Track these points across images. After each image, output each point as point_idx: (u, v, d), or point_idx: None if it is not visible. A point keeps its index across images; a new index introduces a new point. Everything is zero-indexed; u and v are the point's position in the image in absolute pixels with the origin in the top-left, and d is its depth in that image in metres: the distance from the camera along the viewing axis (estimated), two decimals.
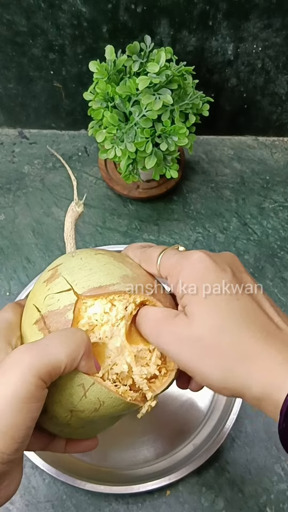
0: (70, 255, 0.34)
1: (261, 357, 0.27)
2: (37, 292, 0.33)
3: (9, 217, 0.70)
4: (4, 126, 0.79)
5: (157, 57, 0.55)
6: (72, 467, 0.50)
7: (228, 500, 0.50)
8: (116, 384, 0.31)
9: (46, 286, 0.32)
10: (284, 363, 0.26)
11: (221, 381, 0.28)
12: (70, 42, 0.65)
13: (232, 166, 0.76)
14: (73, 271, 0.32)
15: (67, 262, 0.33)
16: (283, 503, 0.50)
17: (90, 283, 0.31)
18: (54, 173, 0.75)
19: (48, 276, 0.33)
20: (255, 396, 0.27)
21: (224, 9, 0.61)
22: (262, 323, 0.28)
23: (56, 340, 0.28)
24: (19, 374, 0.26)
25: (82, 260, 0.33)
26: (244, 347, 0.27)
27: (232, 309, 0.28)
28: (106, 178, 0.72)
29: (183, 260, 0.31)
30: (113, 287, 0.31)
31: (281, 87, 0.71)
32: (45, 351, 0.27)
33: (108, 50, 0.57)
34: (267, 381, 0.26)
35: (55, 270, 0.33)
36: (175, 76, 0.56)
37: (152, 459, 0.53)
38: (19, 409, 0.25)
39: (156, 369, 0.32)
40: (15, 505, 0.50)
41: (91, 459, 0.52)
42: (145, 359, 0.32)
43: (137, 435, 0.54)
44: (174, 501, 0.50)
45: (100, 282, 0.31)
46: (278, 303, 0.63)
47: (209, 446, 0.49)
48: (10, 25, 0.64)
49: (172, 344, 0.29)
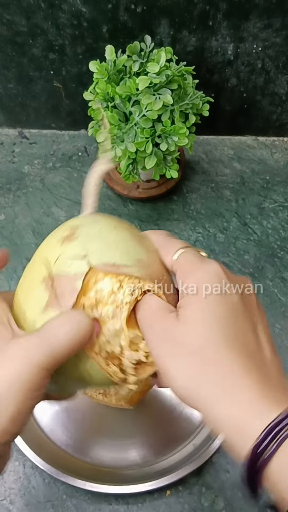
0: (90, 219, 0.34)
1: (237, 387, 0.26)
2: (50, 248, 0.32)
3: (9, 217, 0.70)
4: (4, 126, 0.79)
5: (157, 57, 0.55)
6: (72, 467, 0.50)
7: (228, 500, 0.50)
8: (107, 362, 0.31)
9: (61, 245, 0.32)
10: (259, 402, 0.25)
11: (185, 391, 0.27)
12: (70, 42, 0.65)
13: (232, 166, 0.76)
14: (91, 240, 0.32)
15: (87, 227, 0.33)
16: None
17: (104, 258, 0.31)
18: (54, 173, 0.75)
19: (65, 234, 0.32)
20: (216, 424, 0.26)
21: (224, 9, 0.61)
22: (251, 351, 0.28)
23: (62, 330, 0.27)
24: (23, 364, 0.26)
25: (101, 230, 0.32)
26: (225, 369, 0.26)
27: (227, 325, 0.28)
28: (106, 178, 0.72)
29: (199, 264, 0.30)
30: (126, 268, 0.31)
31: (281, 87, 0.71)
32: (51, 344, 0.27)
33: (108, 50, 0.57)
34: (236, 416, 0.25)
35: (73, 231, 0.32)
36: (175, 76, 0.56)
37: (152, 459, 0.53)
38: (22, 396, 0.26)
39: (144, 355, 0.32)
40: (15, 505, 0.50)
41: (91, 459, 0.52)
42: (136, 345, 0.32)
43: (137, 435, 0.54)
44: (174, 501, 0.50)
45: (115, 260, 0.31)
46: (278, 303, 0.63)
47: (209, 446, 0.49)
48: (10, 25, 0.64)
49: (155, 337, 0.29)
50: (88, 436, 0.54)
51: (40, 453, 0.49)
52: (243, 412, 0.25)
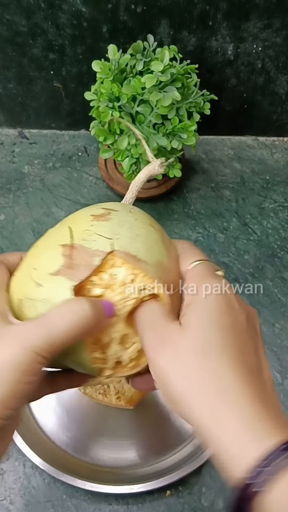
0: (128, 208, 0.34)
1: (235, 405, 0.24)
2: (79, 219, 0.32)
3: (9, 217, 0.70)
4: (4, 126, 0.79)
5: (161, 56, 0.55)
6: (72, 467, 0.50)
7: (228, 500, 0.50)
8: (93, 348, 0.30)
9: (91, 220, 0.32)
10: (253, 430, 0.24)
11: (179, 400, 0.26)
12: (70, 42, 0.65)
13: (232, 166, 0.76)
14: (122, 226, 0.31)
15: (122, 213, 0.33)
16: None
17: (128, 248, 0.30)
18: (54, 173, 0.75)
19: (98, 213, 0.32)
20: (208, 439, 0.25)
21: (224, 9, 0.61)
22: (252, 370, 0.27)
23: (62, 318, 0.27)
24: (18, 348, 0.26)
25: (135, 222, 0.32)
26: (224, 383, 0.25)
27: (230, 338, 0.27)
28: (106, 178, 0.72)
29: (210, 278, 0.30)
30: (145, 265, 0.30)
31: (281, 87, 0.71)
32: (49, 330, 0.26)
33: (111, 49, 0.57)
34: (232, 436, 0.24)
35: (108, 212, 0.32)
36: (179, 74, 0.56)
37: (152, 459, 0.53)
38: (14, 379, 0.26)
39: (128, 357, 0.31)
40: (15, 505, 0.50)
41: (91, 459, 0.52)
42: (126, 343, 0.32)
43: (137, 435, 0.54)
44: (174, 501, 0.50)
45: (138, 253, 0.30)
46: (278, 303, 0.63)
47: None
48: (10, 25, 0.64)
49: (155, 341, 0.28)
50: (88, 436, 0.54)
51: (40, 453, 0.49)
52: (240, 433, 0.24)
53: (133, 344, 0.31)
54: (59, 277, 0.29)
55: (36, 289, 0.29)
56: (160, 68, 0.54)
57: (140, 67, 0.57)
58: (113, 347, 0.31)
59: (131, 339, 0.31)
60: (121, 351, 0.31)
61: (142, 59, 0.57)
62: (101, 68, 0.56)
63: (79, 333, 0.27)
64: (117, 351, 0.31)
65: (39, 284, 0.29)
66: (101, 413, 0.55)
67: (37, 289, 0.29)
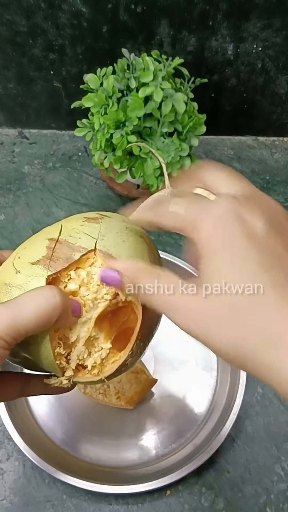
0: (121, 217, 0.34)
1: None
2: (73, 219, 0.33)
3: (9, 217, 0.70)
4: (4, 126, 0.79)
5: (145, 65, 0.55)
6: (72, 467, 0.50)
7: (228, 500, 0.50)
8: (59, 344, 0.30)
9: (82, 222, 0.33)
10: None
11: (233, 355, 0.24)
12: (70, 42, 0.65)
13: (232, 166, 0.76)
14: (110, 230, 0.32)
15: (114, 220, 0.33)
16: (283, 503, 0.50)
17: (111, 250, 0.31)
18: (54, 173, 0.75)
19: (91, 216, 0.33)
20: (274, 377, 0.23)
21: (224, 9, 0.60)
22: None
23: (29, 303, 0.26)
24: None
25: (125, 230, 0.33)
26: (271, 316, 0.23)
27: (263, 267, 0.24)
28: (106, 178, 0.72)
29: (203, 215, 0.25)
30: None
31: (281, 87, 0.71)
32: (14, 315, 0.26)
33: (91, 78, 0.57)
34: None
35: (101, 217, 0.33)
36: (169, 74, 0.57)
37: (152, 459, 0.53)
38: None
39: (92, 363, 0.32)
40: (15, 505, 0.50)
41: (91, 459, 0.52)
42: (92, 347, 0.32)
43: (137, 436, 0.54)
44: (174, 501, 0.50)
45: (119, 257, 0.31)
46: None
47: (209, 446, 0.49)
48: (10, 25, 0.64)
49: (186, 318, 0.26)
50: (88, 436, 0.54)
51: (40, 453, 0.49)
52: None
53: (99, 350, 0.31)
54: (38, 266, 0.30)
55: (14, 275, 0.30)
56: (151, 78, 0.54)
57: (134, 84, 0.56)
58: (79, 347, 0.31)
59: (98, 344, 0.32)
60: (86, 353, 0.31)
61: (131, 75, 0.57)
62: (95, 102, 0.56)
63: (44, 320, 0.26)
64: (82, 352, 0.31)
65: (18, 271, 0.30)
66: (101, 413, 0.55)
67: (15, 276, 0.30)
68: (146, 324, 0.31)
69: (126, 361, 0.31)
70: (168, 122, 0.57)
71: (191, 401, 0.56)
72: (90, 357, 0.31)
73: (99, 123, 0.56)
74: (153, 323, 0.33)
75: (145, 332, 0.32)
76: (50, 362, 0.30)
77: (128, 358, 0.31)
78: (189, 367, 0.58)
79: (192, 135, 0.59)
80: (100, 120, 0.56)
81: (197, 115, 0.58)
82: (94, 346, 0.32)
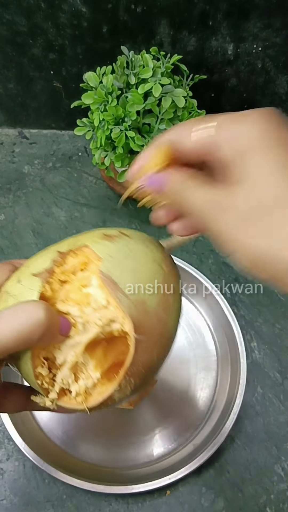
0: (144, 239, 0.32)
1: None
2: (91, 234, 0.32)
3: (9, 217, 0.70)
4: (4, 126, 0.79)
5: (144, 62, 0.55)
6: (72, 467, 0.50)
7: (228, 500, 0.50)
8: (43, 362, 0.29)
9: (97, 238, 0.31)
10: None
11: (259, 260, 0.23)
12: (70, 42, 0.65)
13: None
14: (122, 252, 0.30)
15: (132, 242, 0.31)
16: (283, 503, 0.50)
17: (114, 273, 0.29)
18: (54, 173, 0.75)
19: (110, 233, 0.31)
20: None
21: (224, 9, 0.60)
22: None
23: (10, 321, 0.25)
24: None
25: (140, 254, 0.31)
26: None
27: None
28: (106, 178, 0.72)
29: (235, 123, 0.24)
30: (121, 296, 0.28)
31: (281, 87, 0.71)
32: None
33: (91, 77, 0.58)
34: None
35: (119, 235, 0.31)
36: (167, 70, 0.57)
37: (152, 459, 0.53)
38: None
39: (76, 390, 0.30)
40: (15, 505, 0.50)
41: (91, 459, 0.52)
42: (79, 374, 0.30)
43: (137, 436, 0.54)
44: (174, 501, 0.50)
45: (120, 282, 0.29)
46: (278, 303, 0.63)
47: (209, 446, 0.49)
48: (10, 25, 0.64)
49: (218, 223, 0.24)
50: (88, 436, 0.54)
51: (40, 453, 0.49)
52: None
53: (86, 379, 0.30)
54: (36, 279, 0.29)
55: (15, 284, 0.29)
56: (150, 74, 0.55)
57: (133, 80, 0.56)
58: (64, 371, 0.29)
59: (85, 372, 0.30)
60: (71, 379, 0.29)
61: (131, 72, 0.57)
62: (95, 99, 0.56)
63: (25, 337, 0.25)
64: (67, 377, 0.29)
65: (20, 281, 0.29)
66: (101, 413, 0.55)
67: (15, 285, 0.29)
68: (142, 361, 0.29)
69: (113, 396, 0.29)
70: (167, 119, 0.57)
71: (191, 401, 0.56)
72: (76, 383, 0.30)
73: (99, 120, 0.56)
74: (152, 362, 0.30)
75: (139, 369, 0.29)
76: (31, 381, 0.29)
77: (114, 393, 0.29)
78: (189, 367, 0.58)
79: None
80: (100, 116, 0.56)
81: (197, 110, 0.59)
82: (80, 373, 0.30)
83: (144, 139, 0.58)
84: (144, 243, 0.32)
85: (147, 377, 0.31)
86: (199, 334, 0.60)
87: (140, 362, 0.29)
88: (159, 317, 0.30)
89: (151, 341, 0.29)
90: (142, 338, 0.28)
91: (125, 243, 0.31)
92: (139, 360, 0.28)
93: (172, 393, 0.56)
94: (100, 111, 0.57)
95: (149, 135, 0.58)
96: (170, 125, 0.58)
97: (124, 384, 0.29)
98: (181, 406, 0.55)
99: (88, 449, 0.53)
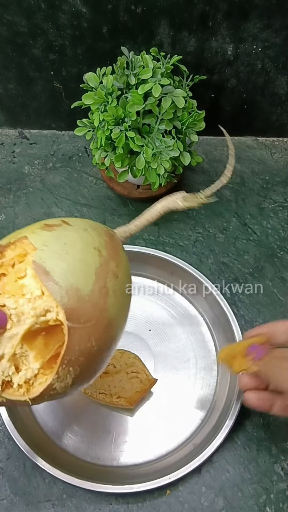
0: (86, 225, 0.32)
1: None
2: (31, 227, 0.33)
3: (9, 217, 0.70)
4: (4, 126, 0.80)
5: (144, 62, 0.55)
6: (72, 467, 0.50)
7: (228, 500, 0.50)
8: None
9: (37, 229, 0.32)
10: None
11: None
12: (70, 43, 0.65)
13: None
14: (58, 240, 0.30)
15: (72, 229, 0.31)
16: (283, 503, 0.50)
17: (47, 262, 0.28)
18: (54, 173, 0.75)
19: (51, 223, 0.32)
20: None
21: (224, 9, 0.61)
22: None
23: None
24: None
25: (78, 240, 0.31)
26: None
27: None
28: (106, 178, 0.72)
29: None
30: (53, 285, 0.28)
31: (281, 87, 0.71)
32: None
33: (91, 77, 0.58)
34: None
35: (60, 224, 0.31)
36: (167, 70, 0.57)
37: (152, 458, 0.53)
38: None
39: (18, 382, 0.29)
40: (15, 505, 0.50)
41: (91, 459, 0.53)
42: (19, 365, 0.30)
43: (136, 435, 0.54)
44: (174, 501, 0.50)
45: (53, 271, 0.28)
46: (278, 303, 0.63)
47: (209, 446, 0.49)
48: (10, 26, 0.64)
49: None
50: (88, 436, 0.54)
51: (40, 453, 0.49)
52: None
53: (26, 369, 0.29)
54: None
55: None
56: (150, 74, 0.55)
57: (133, 81, 0.57)
58: (3, 363, 0.29)
59: (25, 362, 0.30)
60: (12, 371, 0.29)
61: (130, 72, 0.57)
62: (95, 99, 0.57)
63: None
64: (6, 369, 0.29)
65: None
66: (101, 413, 0.55)
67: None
68: (79, 349, 0.28)
69: (53, 385, 0.29)
70: (167, 120, 0.57)
71: (191, 401, 0.56)
72: (17, 374, 0.29)
73: (99, 120, 0.56)
74: (91, 350, 0.30)
75: (77, 357, 0.29)
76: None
77: (54, 382, 0.28)
78: (189, 367, 0.58)
79: (191, 131, 0.59)
80: (100, 117, 0.56)
81: (197, 111, 0.59)
82: (20, 364, 0.30)
83: (144, 139, 0.58)
84: (86, 230, 0.31)
85: (89, 365, 0.30)
86: (199, 334, 0.60)
87: (77, 349, 0.28)
88: (95, 303, 0.29)
89: (87, 328, 0.29)
90: (76, 325, 0.28)
91: (63, 231, 0.31)
92: (75, 348, 0.28)
93: (172, 393, 0.56)
94: (100, 111, 0.57)
95: (149, 136, 0.58)
96: (170, 126, 0.58)
97: (63, 373, 0.28)
98: (181, 406, 0.55)
99: (88, 449, 0.53)
